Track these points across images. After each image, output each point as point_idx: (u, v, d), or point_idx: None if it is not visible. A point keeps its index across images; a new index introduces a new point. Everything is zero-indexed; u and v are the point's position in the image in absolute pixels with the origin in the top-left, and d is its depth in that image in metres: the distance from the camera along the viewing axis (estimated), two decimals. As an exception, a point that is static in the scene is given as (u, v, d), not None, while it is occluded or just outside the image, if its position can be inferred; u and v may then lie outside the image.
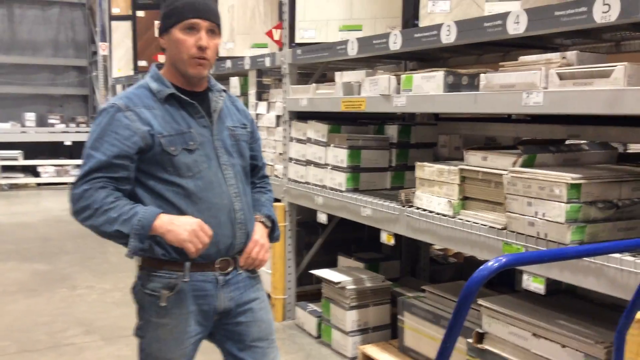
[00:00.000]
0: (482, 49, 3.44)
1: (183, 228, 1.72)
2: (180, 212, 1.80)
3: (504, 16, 2.36)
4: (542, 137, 3.16)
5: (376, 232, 3.17)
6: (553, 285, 2.61)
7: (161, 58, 6.76)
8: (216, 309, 1.87)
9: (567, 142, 2.79)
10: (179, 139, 1.80)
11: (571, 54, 2.27)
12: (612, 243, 1.49)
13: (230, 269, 1.89)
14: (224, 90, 1.98)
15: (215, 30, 1.84)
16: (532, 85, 2.23)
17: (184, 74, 1.84)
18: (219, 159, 1.87)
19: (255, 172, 2.13)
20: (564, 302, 2.60)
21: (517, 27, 2.30)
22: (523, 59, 2.44)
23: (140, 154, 1.78)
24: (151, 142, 1.77)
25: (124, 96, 1.84)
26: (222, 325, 1.93)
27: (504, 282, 3.43)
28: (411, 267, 4.43)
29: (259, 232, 1.97)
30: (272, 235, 2.08)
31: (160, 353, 1.86)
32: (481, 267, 1.39)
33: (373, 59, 4.11)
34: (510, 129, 3.42)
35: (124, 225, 1.70)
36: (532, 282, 2.29)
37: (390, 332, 3.51)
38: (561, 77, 2.15)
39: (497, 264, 1.39)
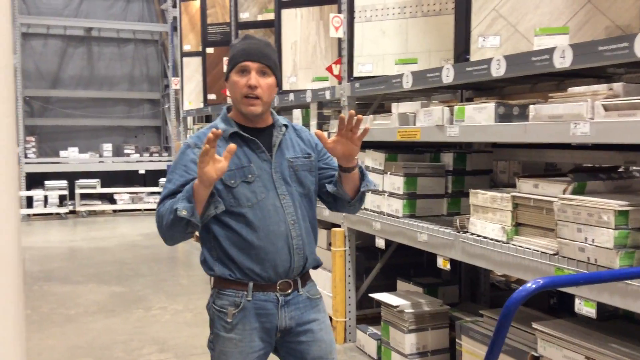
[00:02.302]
0: (536, 79, 3.52)
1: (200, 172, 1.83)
2: (242, 238, 1.98)
3: (550, 51, 2.46)
4: (599, 164, 3.19)
5: (435, 257, 3.26)
6: (610, 311, 2.65)
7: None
8: (278, 327, 2.04)
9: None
10: (238, 172, 1.99)
11: (617, 86, 2.35)
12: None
13: (290, 290, 2.05)
14: (286, 125, 2.15)
15: (266, 71, 2.02)
16: (578, 116, 2.32)
17: (242, 113, 2.04)
18: (277, 189, 2.04)
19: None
20: (619, 326, 2.63)
21: (563, 61, 2.41)
22: (571, 90, 2.53)
23: None
24: None
25: (195, 136, 2.08)
26: (285, 342, 2.09)
27: (566, 308, 3.44)
28: (471, 293, 4.47)
29: None
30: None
31: None
32: (520, 289, 1.51)
33: (429, 89, 4.24)
34: (567, 155, 3.46)
35: (175, 203, 1.88)
36: (584, 306, 2.35)
37: (449, 356, 3.58)
38: (606, 108, 2.23)
39: (534, 286, 1.51)
